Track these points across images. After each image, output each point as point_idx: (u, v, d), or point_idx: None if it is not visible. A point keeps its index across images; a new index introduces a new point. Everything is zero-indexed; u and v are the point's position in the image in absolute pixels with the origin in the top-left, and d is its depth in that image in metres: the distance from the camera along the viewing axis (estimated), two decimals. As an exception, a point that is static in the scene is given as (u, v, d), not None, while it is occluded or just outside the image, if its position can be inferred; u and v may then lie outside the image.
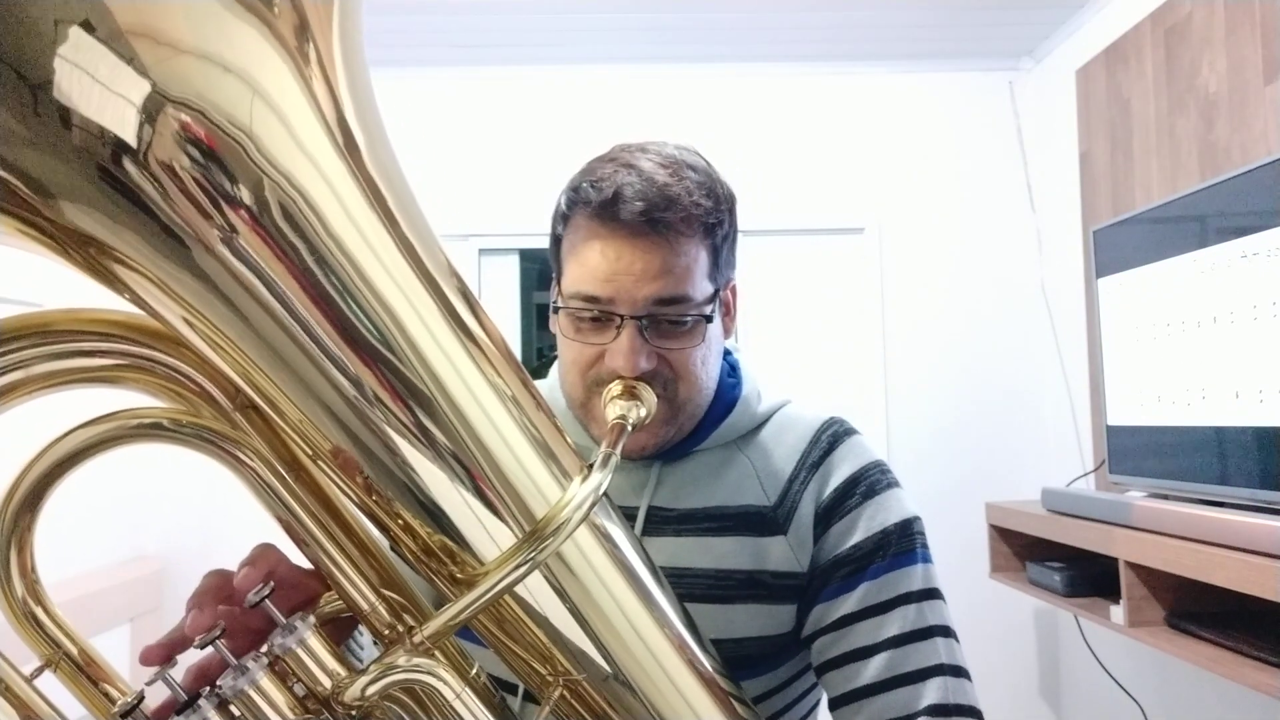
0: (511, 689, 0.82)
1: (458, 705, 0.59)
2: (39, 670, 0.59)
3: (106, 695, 0.60)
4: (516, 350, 3.05)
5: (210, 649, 0.58)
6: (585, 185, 0.81)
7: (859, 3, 2.61)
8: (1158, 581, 1.75)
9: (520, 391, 0.59)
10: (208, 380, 0.60)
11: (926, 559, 0.86)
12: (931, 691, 0.79)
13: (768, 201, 2.94)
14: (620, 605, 0.63)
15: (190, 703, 0.54)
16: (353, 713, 0.56)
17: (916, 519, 0.87)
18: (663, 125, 2.87)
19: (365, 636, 0.79)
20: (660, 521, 0.87)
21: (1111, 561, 1.82)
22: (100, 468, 0.62)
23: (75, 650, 0.61)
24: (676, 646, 0.66)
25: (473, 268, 2.96)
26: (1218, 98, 2.04)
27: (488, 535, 0.57)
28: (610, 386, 0.79)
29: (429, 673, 0.56)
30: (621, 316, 0.79)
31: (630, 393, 0.77)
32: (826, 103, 3.02)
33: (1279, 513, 1.51)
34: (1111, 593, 1.89)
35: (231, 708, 0.54)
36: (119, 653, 2.32)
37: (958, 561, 2.35)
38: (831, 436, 0.90)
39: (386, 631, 0.62)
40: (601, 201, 0.79)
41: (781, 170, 2.98)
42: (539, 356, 3.10)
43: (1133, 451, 2.01)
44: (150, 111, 0.45)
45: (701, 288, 0.81)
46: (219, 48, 0.46)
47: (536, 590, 0.60)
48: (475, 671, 0.65)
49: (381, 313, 0.52)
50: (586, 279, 0.80)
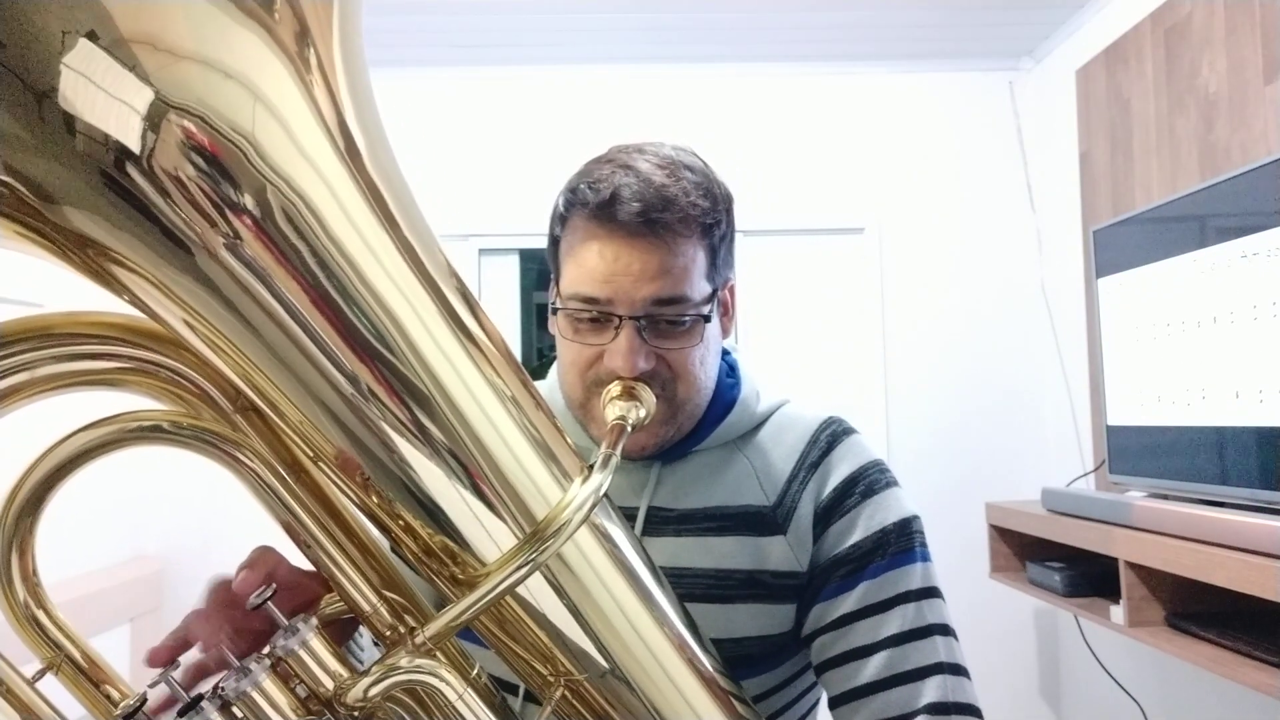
0: (513, 689, 0.82)
1: (459, 706, 0.59)
2: (41, 673, 0.59)
3: (108, 697, 0.60)
4: (516, 350, 3.05)
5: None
6: (583, 187, 0.81)
7: (859, 3, 2.61)
8: (1158, 581, 1.75)
9: (520, 392, 0.59)
10: (208, 382, 0.60)
11: (925, 558, 0.86)
12: (931, 690, 0.79)
13: (768, 201, 2.94)
14: (621, 605, 0.63)
15: (193, 704, 0.54)
16: (355, 714, 0.56)
17: (915, 518, 0.87)
18: (663, 125, 2.87)
19: (366, 637, 0.79)
20: (660, 522, 0.87)
21: (1111, 561, 1.82)
22: (101, 469, 0.62)
23: (77, 652, 0.61)
24: (677, 646, 0.66)
25: (473, 268, 2.96)
26: (1218, 98, 2.04)
27: (488, 536, 0.57)
28: (609, 387, 0.79)
29: (431, 674, 0.56)
30: (620, 317, 0.79)
31: (629, 393, 0.77)
32: (826, 103, 3.02)
33: (1279, 513, 1.51)
34: (1111, 593, 1.89)
35: (234, 709, 0.55)
36: (119, 653, 2.32)
37: (958, 561, 2.35)
38: (830, 436, 0.90)
39: (388, 633, 0.62)
40: (599, 203, 0.79)
41: (781, 170, 2.98)
42: (539, 356, 3.10)
43: (1133, 451, 2.01)
44: (153, 117, 0.45)
45: (699, 288, 0.81)
46: (220, 54, 0.46)
47: (537, 591, 0.60)
48: (476, 672, 0.65)
49: (381, 314, 0.53)
50: (584, 280, 0.80)
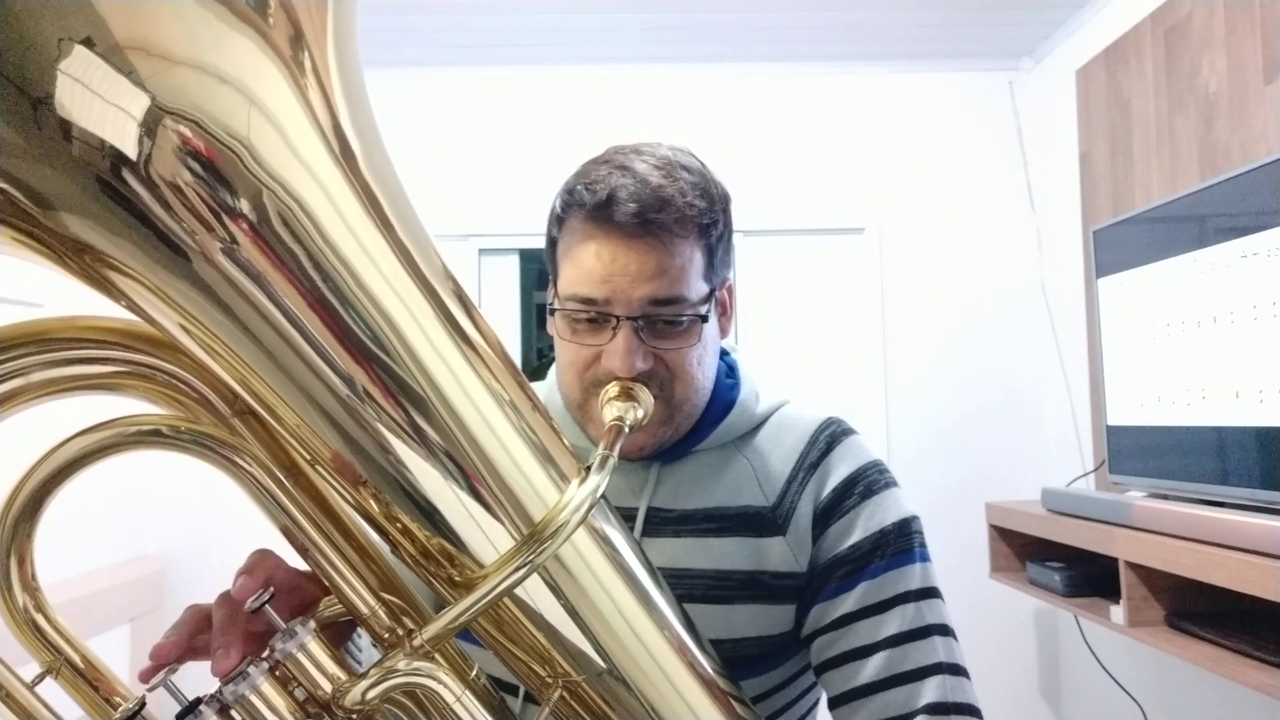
0: (512, 690, 0.82)
1: (458, 708, 0.59)
2: (40, 677, 0.59)
3: (107, 700, 0.60)
4: (516, 350, 3.05)
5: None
6: (579, 188, 0.81)
7: (859, 3, 2.61)
8: (1158, 581, 1.75)
9: (517, 394, 0.59)
10: (205, 386, 0.60)
11: (925, 558, 0.86)
12: (930, 690, 0.79)
13: (768, 201, 2.94)
14: (619, 607, 0.63)
15: (191, 708, 0.54)
16: (353, 716, 0.56)
17: (914, 518, 0.87)
18: (663, 125, 2.87)
19: (364, 638, 0.79)
20: (660, 523, 0.87)
21: (1111, 561, 1.82)
22: (101, 469, 0.62)
23: (76, 656, 0.61)
24: (676, 648, 0.66)
25: (473, 268, 2.96)
26: (1218, 98, 2.04)
27: (486, 538, 0.57)
28: (607, 388, 0.79)
29: (429, 676, 0.56)
30: (617, 318, 0.79)
31: (627, 394, 0.77)
32: (826, 103, 3.02)
33: (1279, 513, 1.51)
34: (1111, 593, 1.89)
35: (233, 713, 0.55)
36: (119, 653, 2.32)
37: (958, 561, 2.36)
38: (829, 437, 0.90)
39: (386, 635, 0.62)
40: (596, 204, 0.79)
41: (781, 170, 2.98)
42: (539, 357, 3.10)
43: (1133, 451, 2.01)
44: (148, 123, 0.45)
45: (696, 288, 0.81)
46: (215, 59, 0.46)
47: (535, 593, 0.60)
48: (475, 673, 0.65)
49: (377, 317, 0.53)
50: (582, 281, 0.80)
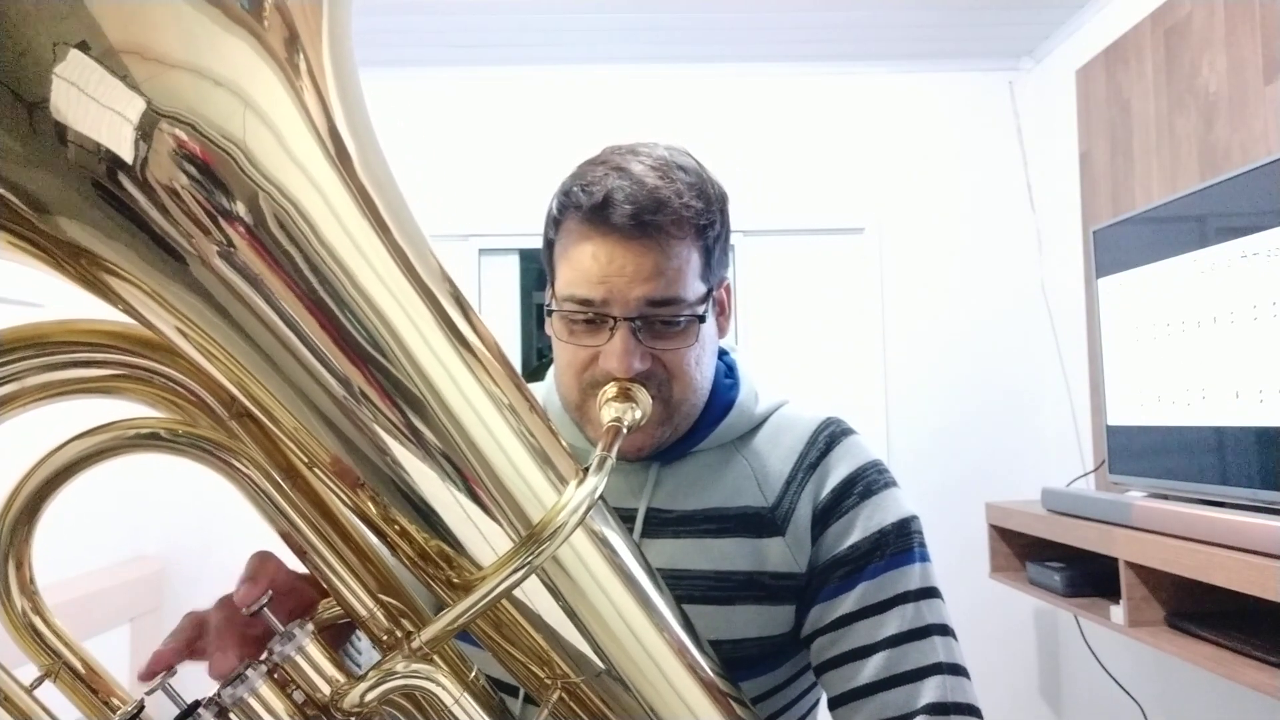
0: (512, 691, 0.82)
1: (456, 710, 0.59)
2: (39, 680, 0.59)
3: (107, 704, 0.60)
4: (516, 350, 3.05)
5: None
6: (576, 189, 0.81)
7: (859, 3, 2.61)
8: (1158, 581, 1.75)
9: (514, 396, 0.59)
10: (203, 389, 0.60)
11: (924, 558, 0.86)
12: (930, 690, 0.79)
13: (768, 201, 2.94)
14: (618, 608, 0.63)
15: (190, 711, 0.54)
16: (352, 718, 0.56)
17: (914, 518, 0.87)
18: (663, 125, 2.87)
19: (364, 640, 0.79)
20: (659, 523, 0.87)
21: (1111, 561, 1.82)
22: (101, 469, 0.62)
23: (75, 659, 0.61)
24: (676, 650, 0.66)
25: (473, 268, 2.96)
26: (1218, 98, 2.04)
27: (484, 540, 0.57)
28: (605, 389, 0.79)
29: (427, 679, 0.56)
30: (615, 318, 0.79)
31: (625, 394, 0.77)
32: (826, 103, 3.02)
33: (1279, 513, 1.51)
34: (1111, 593, 1.89)
35: (231, 716, 0.55)
36: (119, 653, 2.32)
37: (958, 561, 2.36)
38: (829, 437, 0.90)
39: (385, 637, 0.62)
40: (592, 206, 0.79)
41: (781, 170, 2.98)
42: (539, 357, 3.10)
43: (1133, 451, 2.01)
44: (144, 126, 0.45)
45: (694, 288, 0.81)
46: (210, 61, 0.46)
47: (534, 594, 0.60)
48: (474, 675, 0.65)
49: (374, 319, 0.52)
50: (579, 282, 0.80)
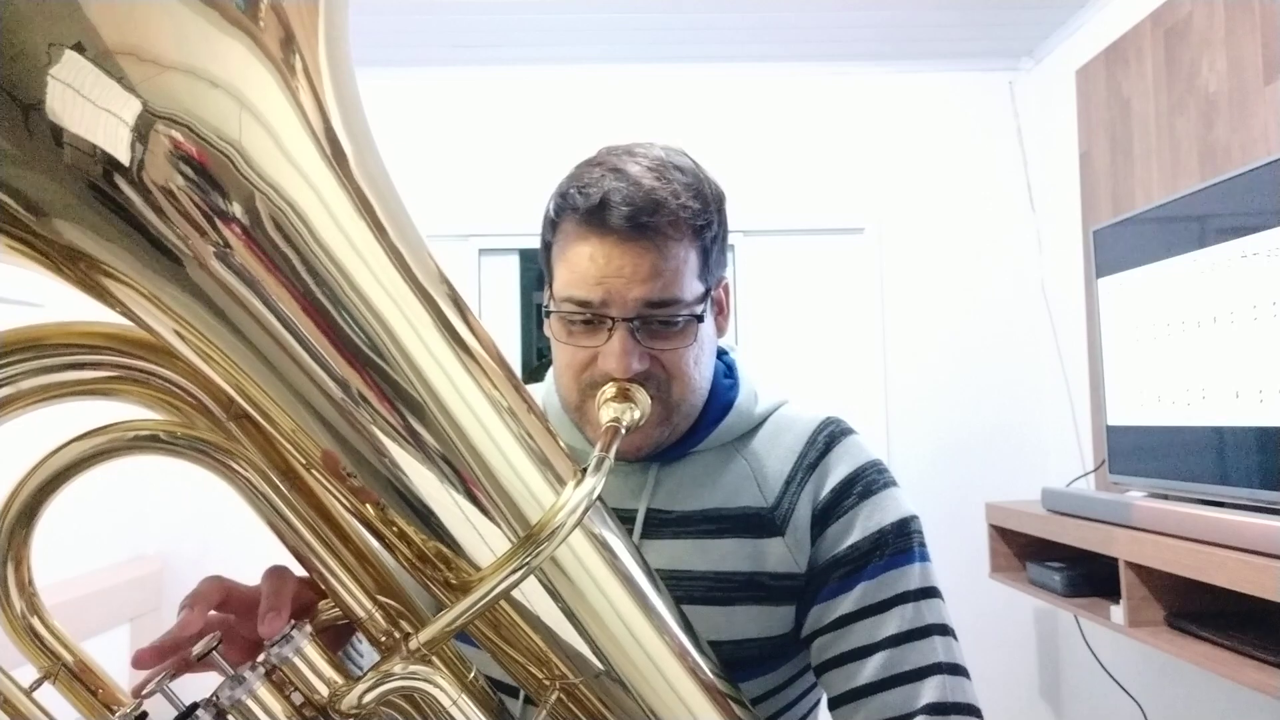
0: (512, 691, 0.82)
1: (454, 711, 0.59)
2: (38, 682, 0.59)
3: (106, 706, 0.60)
4: (516, 350, 3.05)
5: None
6: (572, 191, 0.81)
7: (859, 3, 2.60)
8: (1158, 581, 1.75)
9: (512, 396, 0.59)
10: (202, 391, 0.60)
11: (924, 558, 0.86)
12: (930, 690, 0.79)
13: (768, 201, 2.94)
14: (616, 609, 0.63)
15: (188, 713, 0.54)
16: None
17: (913, 518, 0.87)
18: (663, 125, 2.87)
19: (365, 641, 0.79)
20: (659, 524, 0.87)
21: (1111, 561, 1.82)
22: (100, 469, 0.62)
23: (74, 661, 0.60)
24: (676, 653, 0.66)
25: (473, 268, 2.96)
26: (1218, 98, 2.04)
27: (482, 541, 0.57)
28: (604, 389, 0.79)
29: (425, 680, 0.56)
30: (613, 319, 0.79)
31: (624, 395, 0.77)
32: (826, 103, 3.02)
33: (1279, 513, 1.51)
34: (1111, 593, 1.89)
35: (229, 717, 0.55)
36: (119, 653, 2.32)
37: (958, 561, 2.35)
38: (828, 437, 0.90)
39: (383, 638, 0.62)
40: (589, 208, 0.79)
41: (781, 170, 2.98)
42: (539, 357, 3.10)
43: (1133, 451, 2.01)
44: (140, 128, 0.45)
45: (692, 288, 0.81)
46: (206, 62, 0.46)
47: (532, 596, 0.60)
48: (473, 676, 0.65)
49: (371, 320, 0.52)
50: (577, 283, 0.80)
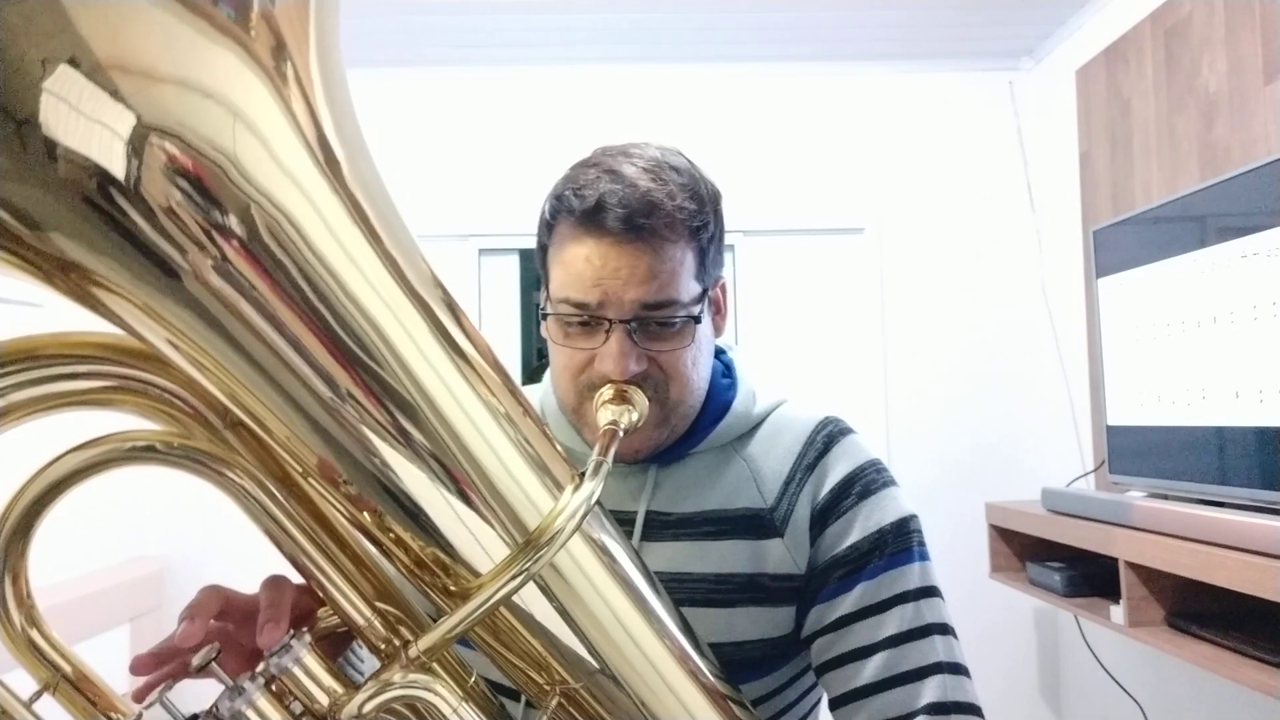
0: (514, 695, 0.82)
1: (454, 719, 0.59)
2: (38, 694, 0.59)
3: (105, 715, 0.60)
4: (516, 350, 3.05)
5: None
6: (568, 193, 0.80)
7: (859, 3, 2.60)
8: (1158, 581, 1.75)
9: (509, 402, 0.59)
10: (198, 400, 0.60)
11: (924, 557, 0.85)
12: (930, 690, 0.79)
13: (767, 201, 2.94)
14: (616, 614, 0.63)
15: (186, 723, 0.54)
16: (350, 729, 0.56)
17: (913, 517, 0.87)
18: (662, 125, 2.86)
19: (365, 648, 0.79)
20: (659, 526, 0.86)
21: (1111, 561, 1.82)
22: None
23: (72, 671, 0.60)
24: (676, 656, 0.66)
25: (473, 268, 2.96)
26: (1218, 98, 2.04)
27: (480, 547, 0.57)
28: (601, 391, 0.78)
29: (425, 688, 0.56)
30: (610, 321, 0.79)
31: (621, 397, 0.77)
32: (827, 103, 3.01)
33: (1279, 513, 1.51)
34: (1111, 593, 1.89)
35: (228, 727, 0.55)
36: (119, 654, 2.31)
37: (958, 562, 2.36)
38: (827, 437, 0.89)
39: (383, 646, 0.62)
40: (585, 210, 0.78)
41: (781, 170, 2.97)
42: (539, 357, 3.09)
43: (1133, 451, 2.01)
44: (133, 140, 0.44)
45: (689, 289, 0.81)
46: (198, 73, 0.46)
47: (531, 601, 0.60)
48: (474, 681, 0.65)
49: (367, 327, 0.52)
50: (573, 285, 0.79)
